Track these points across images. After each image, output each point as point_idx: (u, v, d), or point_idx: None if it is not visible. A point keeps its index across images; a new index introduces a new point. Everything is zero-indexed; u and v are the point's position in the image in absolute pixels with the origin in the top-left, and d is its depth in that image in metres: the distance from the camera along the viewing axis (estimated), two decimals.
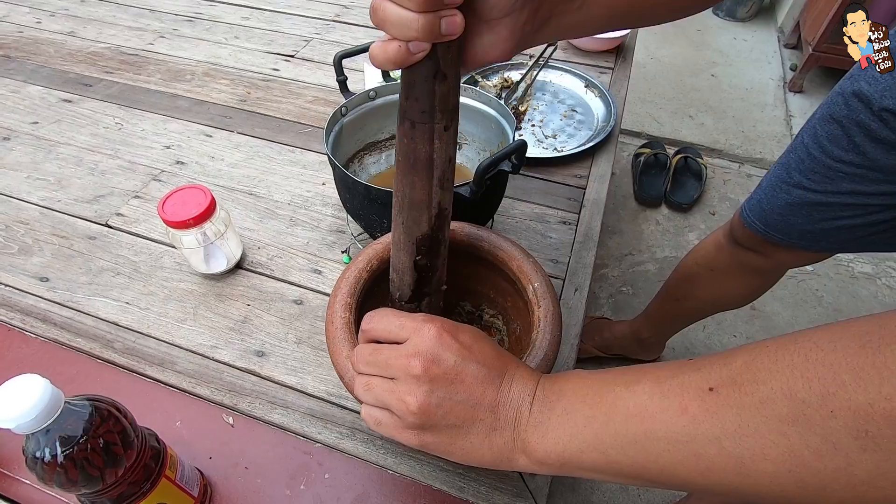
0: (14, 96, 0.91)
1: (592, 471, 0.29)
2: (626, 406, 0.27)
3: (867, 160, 0.56)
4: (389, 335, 0.33)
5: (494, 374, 0.31)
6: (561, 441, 0.29)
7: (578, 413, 0.29)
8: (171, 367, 0.55)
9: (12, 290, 0.62)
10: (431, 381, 0.30)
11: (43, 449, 0.31)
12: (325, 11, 1.18)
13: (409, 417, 0.31)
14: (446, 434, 0.31)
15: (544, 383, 0.32)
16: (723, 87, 2.05)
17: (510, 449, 0.31)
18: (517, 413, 0.31)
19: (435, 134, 0.30)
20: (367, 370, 0.33)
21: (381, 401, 0.32)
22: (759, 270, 0.80)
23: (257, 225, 0.70)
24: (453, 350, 0.31)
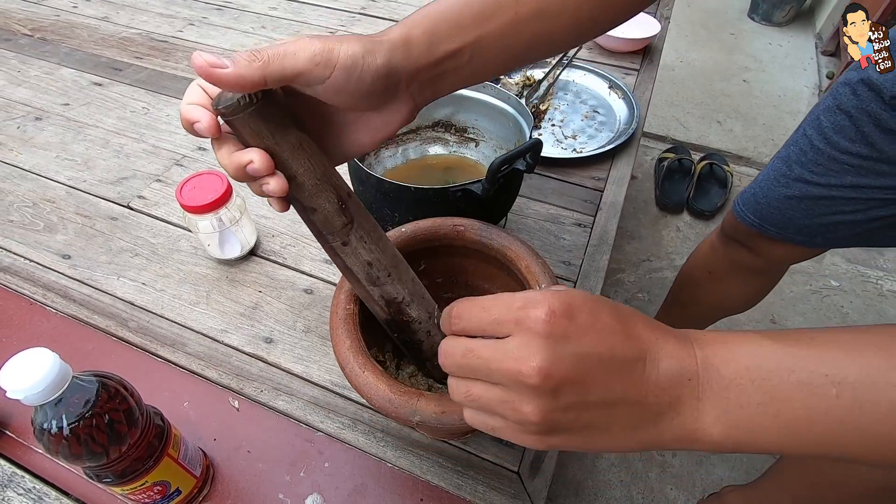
0: (48, 78, 0.94)
1: (773, 450, 0.26)
2: (805, 404, 0.24)
3: (875, 151, 0.54)
4: (484, 332, 0.27)
5: (632, 360, 0.25)
6: (737, 427, 0.25)
7: (756, 402, 0.25)
8: (182, 349, 0.57)
9: (36, 266, 0.64)
10: (553, 389, 0.24)
11: (50, 421, 0.32)
12: (351, 4, 1.18)
13: (531, 427, 0.26)
14: (580, 436, 0.26)
15: (706, 360, 0.26)
16: (754, 93, 1.99)
17: (662, 439, 0.26)
18: (674, 401, 0.26)
19: (336, 250, 0.34)
20: (463, 374, 0.28)
21: (490, 409, 0.27)
22: (753, 269, 0.78)
23: (272, 213, 0.71)
24: (572, 342, 0.25)
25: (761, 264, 0.76)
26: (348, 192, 0.34)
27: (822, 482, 0.66)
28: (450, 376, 0.29)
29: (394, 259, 0.38)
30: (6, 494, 0.46)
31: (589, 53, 1.03)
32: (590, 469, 1.02)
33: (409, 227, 0.46)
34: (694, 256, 0.88)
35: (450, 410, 0.34)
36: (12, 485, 0.47)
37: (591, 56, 1.02)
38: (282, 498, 0.47)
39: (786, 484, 0.73)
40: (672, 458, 1.05)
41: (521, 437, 0.27)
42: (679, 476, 1.02)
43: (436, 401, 0.35)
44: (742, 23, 2.41)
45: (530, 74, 0.94)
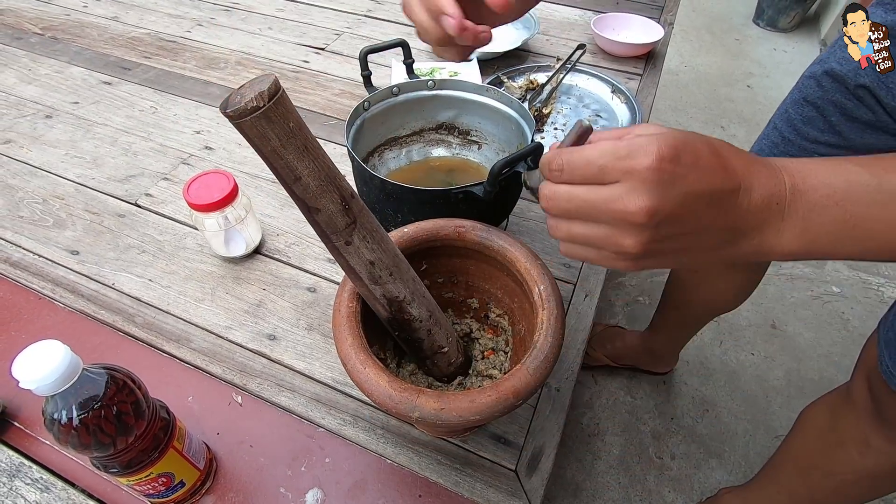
0: (58, 76, 0.96)
1: (844, 257, 0.29)
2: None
3: (843, 140, 0.56)
4: (587, 181, 0.28)
5: (729, 192, 0.27)
6: (814, 242, 0.28)
7: (834, 219, 0.28)
8: (187, 345, 0.58)
9: (45, 261, 0.66)
10: (657, 225, 0.27)
11: (60, 411, 0.33)
12: (357, 6, 1.20)
13: (628, 256, 0.28)
14: (669, 258, 0.29)
15: (794, 186, 0.28)
16: (758, 98, 2.00)
17: (740, 252, 0.29)
18: (761, 223, 0.28)
19: (339, 250, 0.35)
20: (566, 216, 0.30)
21: (590, 244, 0.30)
22: (736, 265, 0.79)
23: (277, 212, 0.72)
24: (677, 184, 0.26)
25: None
26: (351, 192, 0.35)
27: (815, 474, 0.66)
28: (549, 217, 0.32)
29: (395, 259, 0.39)
30: (14, 484, 0.47)
31: (592, 58, 1.03)
32: (588, 471, 1.02)
33: (411, 227, 0.47)
34: None
35: (448, 408, 0.35)
36: (20, 475, 0.48)
37: (595, 60, 1.03)
38: (283, 492, 0.48)
39: (780, 479, 0.73)
40: (671, 461, 1.05)
41: (615, 263, 0.30)
42: (677, 479, 1.02)
43: (435, 397, 0.35)
44: (747, 28, 2.41)
45: (534, 78, 0.95)
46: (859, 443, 0.60)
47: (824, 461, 0.64)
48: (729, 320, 1.28)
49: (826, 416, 0.66)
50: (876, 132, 0.53)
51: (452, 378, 0.48)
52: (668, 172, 0.26)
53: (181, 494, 0.45)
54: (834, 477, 0.63)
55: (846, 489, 0.63)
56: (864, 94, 0.52)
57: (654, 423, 1.10)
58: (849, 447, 0.61)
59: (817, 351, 1.24)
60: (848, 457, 0.61)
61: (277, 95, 0.29)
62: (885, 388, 0.54)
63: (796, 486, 0.70)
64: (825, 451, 0.64)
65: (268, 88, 0.28)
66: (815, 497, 0.68)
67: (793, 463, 0.71)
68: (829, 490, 0.65)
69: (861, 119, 0.54)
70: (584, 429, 1.08)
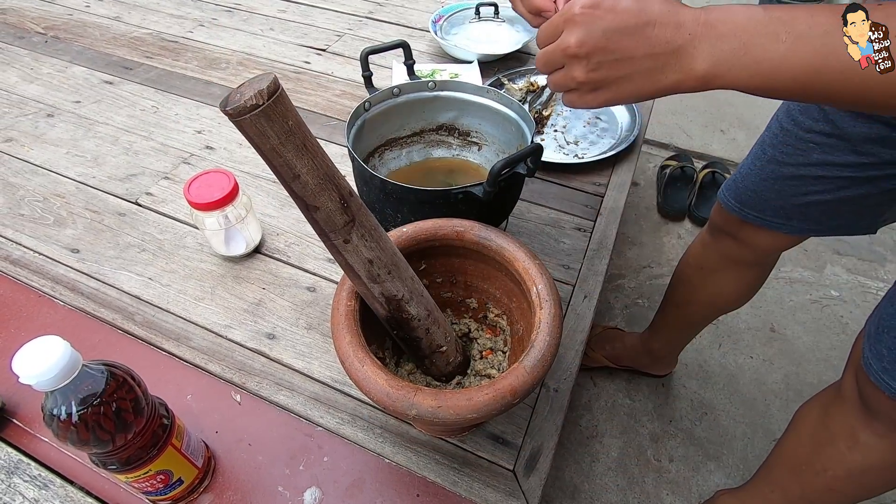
0: (60, 75, 0.96)
1: (744, 86, 0.36)
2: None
3: (836, 129, 0.57)
4: (550, 40, 0.39)
5: (642, 25, 0.35)
6: (717, 65, 0.35)
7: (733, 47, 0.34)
8: (187, 343, 0.58)
9: (45, 259, 0.66)
10: (587, 55, 0.37)
11: (59, 407, 0.33)
12: (358, 8, 1.20)
13: (583, 87, 0.38)
14: (615, 88, 0.38)
15: (708, 21, 0.35)
16: (758, 102, 2.00)
17: (666, 82, 0.37)
18: (677, 50, 0.35)
19: (338, 248, 0.36)
20: (549, 69, 0.40)
21: (564, 86, 0.40)
22: (742, 262, 0.79)
23: (277, 212, 0.72)
24: (597, 22, 0.36)
25: (749, 255, 0.77)
26: (350, 191, 0.35)
27: (807, 472, 0.67)
28: (548, 76, 0.41)
29: (394, 257, 0.39)
30: (12, 481, 0.47)
31: None
32: (586, 473, 1.02)
33: (410, 227, 0.48)
34: (686, 255, 0.90)
35: (445, 405, 0.35)
36: (18, 472, 0.48)
37: None
38: (281, 490, 0.48)
39: (774, 479, 0.73)
40: (669, 463, 1.05)
41: (582, 99, 0.40)
42: (675, 482, 1.02)
43: (432, 395, 0.35)
44: None
45: (534, 80, 0.95)
46: (847, 437, 0.60)
47: (815, 459, 0.65)
48: (728, 323, 1.28)
49: (818, 413, 0.66)
50: (868, 121, 0.54)
51: (451, 378, 0.48)
52: (590, 15, 0.36)
53: (179, 492, 0.45)
54: (825, 474, 0.64)
55: (838, 486, 0.63)
56: None
57: (653, 426, 1.10)
58: (838, 443, 0.61)
59: (816, 354, 1.24)
60: (837, 453, 0.61)
61: (277, 94, 0.29)
62: (869, 381, 0.54)
63: (790, 486, 0.70)
64: (816, 448, 0.65)
65: (267, 87, 0.28)
66: (808, 496, 0.68)
67: (786, 462, 0.71)
68: (820, 488, 0.65)
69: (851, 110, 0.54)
70: (582, 431, 1.08)
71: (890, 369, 0.51)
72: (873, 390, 0.54)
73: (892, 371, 0.51)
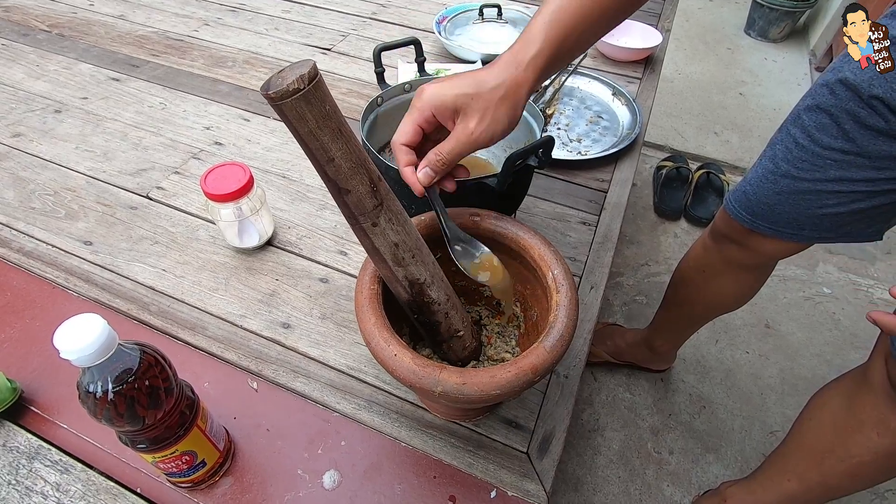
0: (66, 72, 0.97)
1: None
2: None
3: (856, 147, 0.57)
4: None
5: None
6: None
7: None
8: (202, 332, 0.59)
9: (58, 251, 0.66)
10: None
11: (96, 383, 0.34)
12: (362, 9, 1.22)
13: None
14: None
15: None
16: (750, 106, 2.04)
17: None
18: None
19: (366, 231, 0.37)
20: None
21: None
22: (745, 266, 0.81)
23: (289, 206, 0.73)
24: None
25: (752, 260, 0.79)
26: (378, 176, 0.36)
27: (829, 458, 0.68)
28: None
29: (417, 242, 0.40)
30: (34, 465, 0.48)
31: (593, 62, 1.06)
32: (589, 465, 1.04)
33: (427, 215, 0.49)
34: (687, 257, 0.91)
35: (470, 382, 0.36)
36: (39, 457, 0.48)
37: (596, 64, 1.06)
38: (300, 473, 0.49)
39: (790, 468, 0.75)
40: (669, 455, 1.07)
41: None
42: (675, 473, 1.04)
43: (457, 373, 0.37)
44: (739, 38, 2.47)
45: None
46: (878, 423, 0.62)
47: (840, 445, 0.66)
48: (724, 320, 1.31)
49: (841, 400, 0.67)
50: (889, 140, 0.55)
51: (466, 362, 0.49)
52: None
53: (201, 475, 0.46)
54: (850, 460, 0.65)
55: (861, 471, 0.65)
56: (878, 104, 0.54)
57: (653, 420, 1.12)
58: (867, 429, 0.63)
59: (810, 350, 1.27)
60: (866, 439, 0.63)
61: (316, 79, 0.30)
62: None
63: (808, 473, 0.71)
64: (841, 434, 0.66)
65: (308, 72, 0.29)
66: (829, 482, 0.69)
67: (806, 450, 0.72)
68: (842, 473, 0.67)
69: (874, 127, 0.55)
70: (584, 424, 1.10)
71: None
72: None
73: None
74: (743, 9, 2.50)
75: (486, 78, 0.39)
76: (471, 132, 0.40)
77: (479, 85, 0.39)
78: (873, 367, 0.62)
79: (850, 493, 0.70)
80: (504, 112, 0.40)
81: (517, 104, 0.40)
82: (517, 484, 0.48)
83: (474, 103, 0.39)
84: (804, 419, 0.74)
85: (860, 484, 0.67)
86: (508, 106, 0.40)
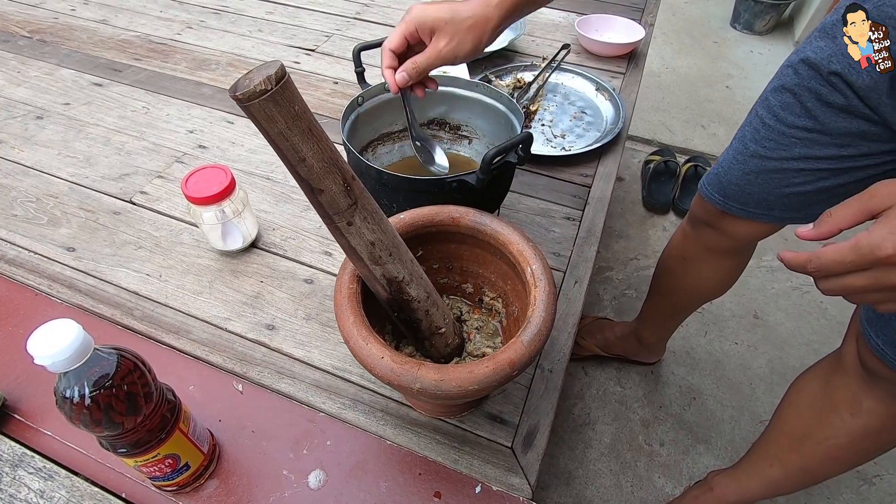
0: (48, 78, 0.96)
1: None
2: None
3: (819, 124, 0.59)
4: (845, 267, 0.35)
5: None
6: None
7: None
8: (187, 336, 0.58)
9: (41, 258, 0.66)
10: None
11: (73, 388, 0.34)
12: (346, 9, 1.22)
13: None
14: None
15: None
16: (737, 98, 2.06)
17: None
18: None
19: (341, 230, 0.37)
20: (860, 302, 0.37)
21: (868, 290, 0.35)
22: (723, 251, 0.82)
23: (273, 208, 0.73)
24: None
25: (729, 244, 0.80)
26: (352, 175, 0.36)
27: (808, 443, 0.69)
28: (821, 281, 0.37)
29: (394, 240, 0.40)
30: (17, 473, 0.47)
31: (577, 58, 1.07)
32: (580, 459, 1.05)
33: (407, 214, 0.49)
34: (668, 246, 0.92)
35: (448, 378, 0.37)
36: (23, 464, 0.48)
37: (579, 60, 1.06)
38: (286, 474, 0.49)
39: (772, 453, 0.76)
40: (660, 447, 1.08)
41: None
42: (667, 465, 1.05)
43: (435, 369, 0.37)
44: (724, 31, 2.48)
45: (521, 77, 0.98)
46: (851, 404, 0.63)
47: (817, 428, 0.67)
48: (713, 311, 1.32)
49: (818, 384, 0.69)
50: (849, 116, 0.56)
51: (449, 359, 0.49)
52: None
53: (186, 478, 0.46)
54: (826, 442, 0.66)
55: (838, 453, 0.66)
56: (837, 80, 0.55)
57: (644, 412, 1.13)
58: (841, 410, 0.64)
59: (798, 339, 1.28)
60: (840, 420, 0.64)
61: (284, 80, 0.30)
62: (869, 350, 0.57)
63: (788, 458, 0.72)
64: (818, 417, 0.67)
65: (275, 73, 0.30)
66: (808, 465, 0.70)
67: (786, 435, 0.73)
68: (821, 456, 0.68)
69: (835, 104, 0.56)
70: (575, 419, 1.10)
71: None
72: (876, 360, 0.57)
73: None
74: (728, 2, 2.51)
75: (462, 9, 0.48)
76: (439, 50, 0.48)
77: (455, 13, 0.47)
78: (846, 349, 0.64)
79: (830, 477, 0.71)
80: (469, 39, 0.48)
81: (482, 35, 0.48)
82: (502, 478, 0.48)
83: (447, 27, 0.47)
84: (784, 405, 0.75)
85: (838, 467, 0.68)
86: (474, 35, 0.48)
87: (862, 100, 0.54)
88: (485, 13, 0.48)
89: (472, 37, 0.48)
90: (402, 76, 0.50)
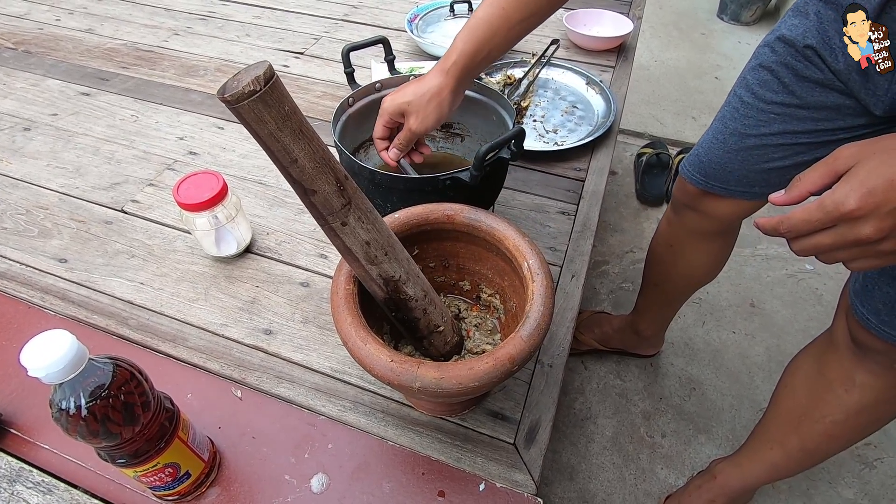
0: (34, 89, 0.95)
1: None
2: None
3: (796, 99, 0.60)
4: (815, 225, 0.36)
5: None
6: None
7: None
8: (183, 344, 0.58)
9: (33, 270, 0.65)
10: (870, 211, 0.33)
11: (68, 399, 0.34)
12: (334, 11, 1.21)
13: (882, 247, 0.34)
14: None
15: None
16: (726, 89, 2.06)
17: None
18: None
19: (336, 231, 0.37)
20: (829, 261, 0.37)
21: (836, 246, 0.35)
22: (707, 233, 0.83)
23: (266, 212, 0.73)
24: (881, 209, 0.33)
25: (712, 225, 0.81)
26: (345, 175, 0.36)
27: (806, 422, 0.69)
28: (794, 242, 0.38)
29: (389, 239, 0.40)
30: (15, 489, 0.47)
31: (566, 52, 1.07)
32: (583, 454, 1.05)
33: (402, 213, 0.49)
34: (655, 235, 0.93)
35: (448, 375, 0.37)
36: (21, 479, 0.48)
37: (569, 55, 1.06)
38: (288, 479, 0.48)
39: (772, 436, 0.76)
40: (661, 439, 1.08)
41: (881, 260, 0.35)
42: (669, 456, 1.05)
43: (435, 367, 0.37)
44: (712, 23, 2.49)
45: (511, 73, 0.98)
46: (844, 380, 0.63)
47: (813, 407, 0.68)
48: (710, 301, 1.33)
49: (812, 363, 0.69)
50: (825, 90, 0.57)
51: (448, 357, 0.49)
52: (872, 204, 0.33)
53: (187, 486, 0.45)
54: (824, 420, 0.67)
55: (835, 430, 0.66)
56: (811, 54, 0.56)
57: (644, 404, 1.13)
58: (835, 387, 0.64)
59: (794, 326, 1.29)
60: (835, 397, 0.64)
61: (272, 80, 0.30)
62: (859, 325, 0.58)
63: (787, 439, 0.73)
64: (813, 397, 0.68)
65: (263, 73, 0.29)
66: (807, 445, 0.70)
67: (783, 417, 0.74)
68: (819, 435, 0.68)
69: (811, 78, 0.58)
70: (576, 413, 1.10)
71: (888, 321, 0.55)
72: (864, 332, 0.58)
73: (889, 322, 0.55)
74: None
75: (422, 85, 0.53)
76: (410, 127, 0.54)
77: (415, 93, 0.53)
78: (837, 326, 0.64)
79: (830, 455, 0.72)
80: (432, 110, 0.53)
81: (441, 104, 0.53)
82: (505, 475, 0.48)
83: (411, 108, 0.53)
84: (780, 387, 0.76)
85: (837, 444, 0.69)
86: (434, 105, 0.53)
87: (835, 74, 0.55)
88: (439, 83, 0.52)
89: (433, 107, 0.53)
90: (393, 153, 0.57)
